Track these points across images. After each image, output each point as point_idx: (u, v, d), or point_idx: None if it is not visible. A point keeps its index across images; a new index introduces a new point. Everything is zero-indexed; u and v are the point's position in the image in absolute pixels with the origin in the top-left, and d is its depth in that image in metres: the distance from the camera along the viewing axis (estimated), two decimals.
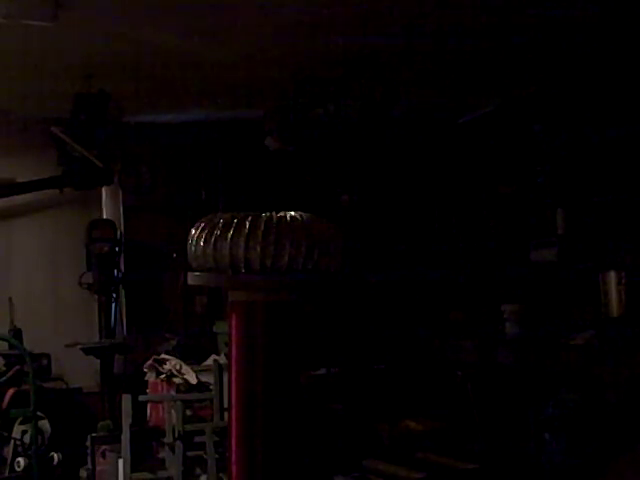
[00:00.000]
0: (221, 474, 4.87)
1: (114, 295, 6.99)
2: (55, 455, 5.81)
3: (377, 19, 4.88)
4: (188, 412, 5.31)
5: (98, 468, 5.33)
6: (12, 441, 5.74)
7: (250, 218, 2.24)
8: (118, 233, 7.05)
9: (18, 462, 5.68)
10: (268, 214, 2.26)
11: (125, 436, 4.91)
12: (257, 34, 5.07)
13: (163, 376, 5.65)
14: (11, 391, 6.04)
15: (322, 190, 7.56)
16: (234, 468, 2.30)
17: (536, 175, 6.79)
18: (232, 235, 2.23)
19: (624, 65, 5.84)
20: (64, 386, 6.67)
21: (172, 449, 4.97)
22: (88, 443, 5.41)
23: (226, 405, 4.69)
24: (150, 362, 5.81)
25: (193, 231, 2.36)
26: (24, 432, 5.75)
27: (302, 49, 5.40)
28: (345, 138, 7.41)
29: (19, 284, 7.06)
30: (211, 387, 5.35)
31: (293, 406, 2.32)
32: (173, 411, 5.12)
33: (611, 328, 5.82)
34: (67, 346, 6.48)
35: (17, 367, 6.28)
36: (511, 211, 7.12)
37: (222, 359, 5.56)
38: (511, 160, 7.14)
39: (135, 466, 4.93)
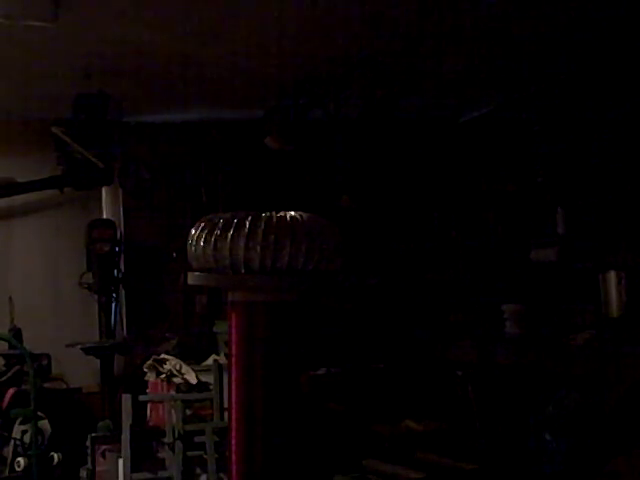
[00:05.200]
0: (221, 474, 4.88)
1: (114, 295, 6.98)
2: (55, 455, 5.80)
3: (378, 19, 4.88)
4: (188, 412, 5.31)
5: (98, 468, 5.32)
6: (12, 441, 5.73)
7: (250, 218, 2.23)
8: (118, 233, 7.04)
9: (18, 462, 5.67)
10: (268, 214, 2.26)
11: (125, 436, 4.91)
12: (257, 34, 5.08)
13: (163, 376, 5.65)
14: (11, 391, 6.03)
15: (322, 190, 7.55)
16: (234, 468, 2.30)
17: (536, 175, 6.78)
18: (232, 235, 2.22)
19: (624, 65, 5.84)
20: (64, 386, 6.66)
21: (172, 449, 4.97)
22: (88, 443, 5.41)
23: (226, 405, 4.70)
24: (150, 362, 5.81)
25: (193, 231, 2.35)
26: (24, 432, 5.74)
27: (302, 49, 5.40)
28: (345, 138, 7.42)
29: (19, 284, 7.05)
30: (211, 387, 5.35)
31: (293, 406, 2.32)
32: (173, 411, 5.12)
33: (611, 328, 5.82)
34: (67, 346, 6.47)
35: (17, 367, 6.28)
36: (511, 211, 7.12)
37: (222, 359, 5.57)
38: (511, 160, 7.14)
39: (135, 466, 4.92)
